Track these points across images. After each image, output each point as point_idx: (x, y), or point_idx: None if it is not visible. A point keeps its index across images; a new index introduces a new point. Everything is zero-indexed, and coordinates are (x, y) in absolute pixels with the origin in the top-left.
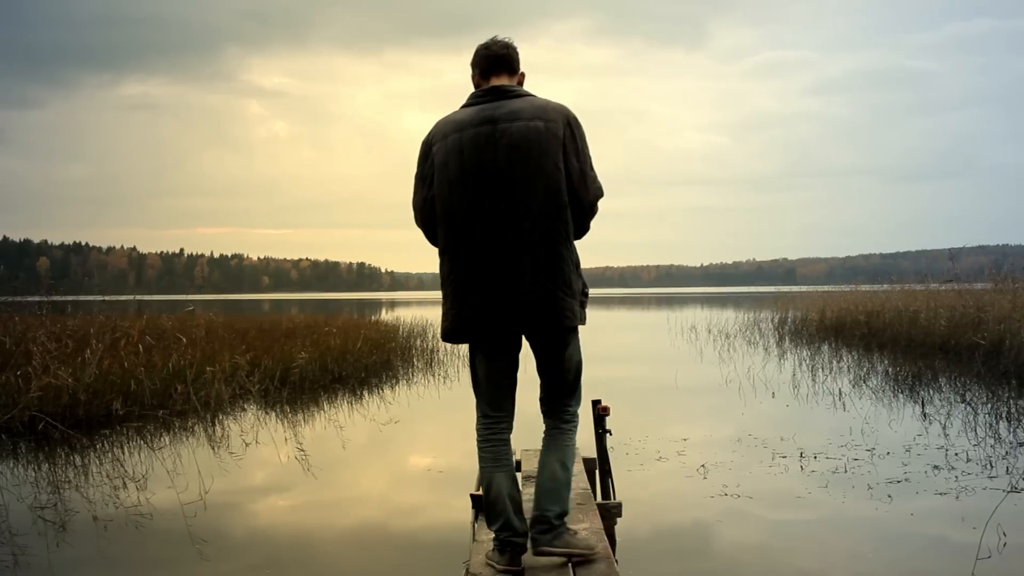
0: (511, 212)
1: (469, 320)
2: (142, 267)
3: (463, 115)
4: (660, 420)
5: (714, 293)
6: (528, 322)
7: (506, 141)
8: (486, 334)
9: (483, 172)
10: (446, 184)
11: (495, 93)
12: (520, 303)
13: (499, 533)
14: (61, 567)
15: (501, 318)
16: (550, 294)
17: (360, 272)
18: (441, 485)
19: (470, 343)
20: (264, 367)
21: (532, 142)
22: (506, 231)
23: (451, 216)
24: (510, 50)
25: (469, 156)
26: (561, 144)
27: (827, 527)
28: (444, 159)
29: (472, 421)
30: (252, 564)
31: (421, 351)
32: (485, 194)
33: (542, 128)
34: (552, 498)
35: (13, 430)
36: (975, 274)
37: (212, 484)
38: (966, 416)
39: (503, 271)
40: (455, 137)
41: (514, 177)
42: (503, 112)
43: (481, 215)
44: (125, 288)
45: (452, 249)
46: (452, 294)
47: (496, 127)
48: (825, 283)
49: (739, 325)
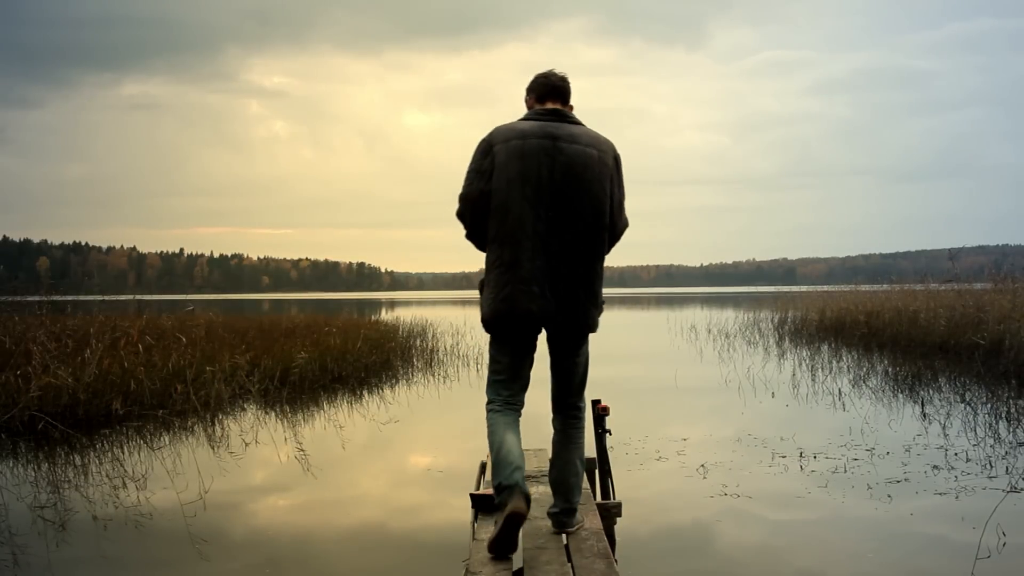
0: (559, 222)
1: (504, 309)
2: (142, 267)
3: (526, 126)
4: (660, 420)
5: (714, 293)
6: (554, 323)
7: (564, 159)
8: (516, 324)
9: (539, 180)
10: (505, 181)
11: (556, 114)
12: (551, 306)
13: (505, 479)
14: (61, 567)
15: (532, 313)
16: (581, 303)
17: (360, 272)
18: (441, 485)
19: (504, 333)
20: (264, 367)
21: (586, 165)
22: (551, 239)
23: (506, 210)
24: (566, 83)
25: (529, 162)
26: (610, 174)
27: (827, 527)
28: (506, 159)
29: (472, 421)
30: (252, 564)
31: (421, 351)
32: (539, 200)
33: (595, 155)
34: (577, 491)
35: (13, 430)
36: (975, 274)
37: (212, 484)
38: (966, 416)
39: (542, 273)
40: (517, 143)
41: (567, 192)
42: (564, 132)
43: (532, 217)
44: (125, 288)
45: (501, 239)
46: (495, 280)
47: (556, 143)
48: (825, 283)
49: (739, 325)
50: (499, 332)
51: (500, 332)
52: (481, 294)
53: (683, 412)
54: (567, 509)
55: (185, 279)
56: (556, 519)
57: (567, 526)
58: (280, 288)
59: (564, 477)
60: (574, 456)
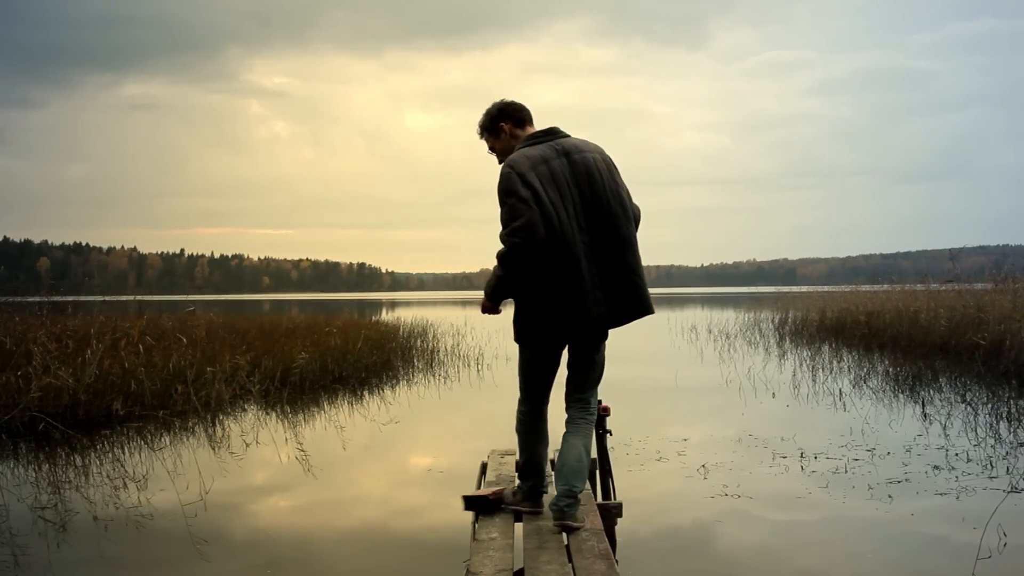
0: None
1: (575, 318)
2: (142, 267)
3: (539, 151)
4: (660, 420)
5: (714, 293)
6: (625, 317)
7: (581, 169)
8: (588, 329)
9: (571, 196)
10: (550, 206)
11: (552, 133)
12: (603, 309)
13: (536, 485)
14: (61, 567)
15: (603, 317)
16: (642, 289)
17: (360, 272)
18: (442, 485)
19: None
20: (264, 367)
21: (598, 169)
22: (596, 245)
23: (559, 233)
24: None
25: (560, 183)
26: (614, 169)
27: (827, 527)
28: (541, 186)
29: (472, 421)
30: (253, 564)
31: (421, 351)
32: (576, 214)
33: (600, 158)
34: (579, 476)
35: (13, 430)
36: (975, 274)
37: (212, 484)
38: (966, 416)
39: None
40: (544, 168)
41: (594, 198)
42: (569, 146)
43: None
44: (125, 288)
45: (558, 258)
46: (556, 295)
47: (570, 158)
48: (825, 283)
49: (739, 325)
50: (551, 343)
51: (552, 343)
52: (531, 312)
53: (684, 412)
54: (568, 492)
55: (186, 279)
56: (557, 509)
57: (568, 518)
58: (281, 288)
59: (568, 460)
60: (580, 443)
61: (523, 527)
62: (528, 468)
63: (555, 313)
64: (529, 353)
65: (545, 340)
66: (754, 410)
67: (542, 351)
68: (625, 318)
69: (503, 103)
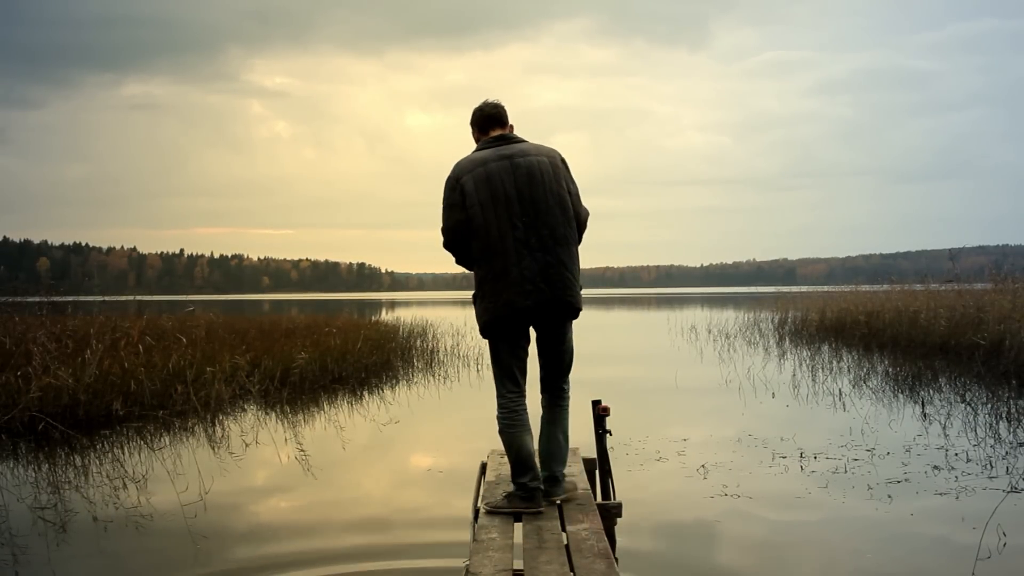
0: (533, 223)
1: (505, 312)
2: (142, 267)
3: (481, 155)
4: (660, 420)
5: (714, 293)
6: (548, 310)
7: (522, 171)
8: (517, 320)
9: (507, 195)
10: (478, 206)
11: (502, 139)
12: (544, 295)
13: (529, 482)
14: (61, 567)
15: (529, 308)
16: (569, 284)
17: (360, 272)
18: (441, 485)
19: (502, 334)
20: (264, 367)
21: (541, 171)
22: (530, 239)
23: (486, 230)
24: (499, 109)
25: (495, 183)
26: (561, 173)
27: (827, 527)
28: (474, 187)
29: (472, 421)
30: (253, 565)
31: (421, 351)
32: (510, 212)
33: (546, 162)
34: (558, 460)
35: (13, 430)
36: (975, 274)
37: (212, 484)
38: (966, 416)
39: (530, 272)
40: (481, 170)
41: (532, 196)
42: (514, 150)
43: (509, 227)
44: (125, 288)
45: (488, 255)
46: (490, 291)
47: (512, 161)
48: (825, 283)
49: (739, 325)
50: (500, 333)
51: (501, 333)
52: (477, 306)
53: (683, 413)
54: (551, 478)
55: (185, 280)
56: (544, 492)
57: (553, 495)
58: (280, 289)
59: (550, 448)
60: (558, 431)
61: (523, 527)
62: (519, 467)
63: (489, 304)
64: (489, 344)
65: (489, 330)
66: (754, 410)
67: (494, 341)
68: (553, 312)
69: (475, 109)
